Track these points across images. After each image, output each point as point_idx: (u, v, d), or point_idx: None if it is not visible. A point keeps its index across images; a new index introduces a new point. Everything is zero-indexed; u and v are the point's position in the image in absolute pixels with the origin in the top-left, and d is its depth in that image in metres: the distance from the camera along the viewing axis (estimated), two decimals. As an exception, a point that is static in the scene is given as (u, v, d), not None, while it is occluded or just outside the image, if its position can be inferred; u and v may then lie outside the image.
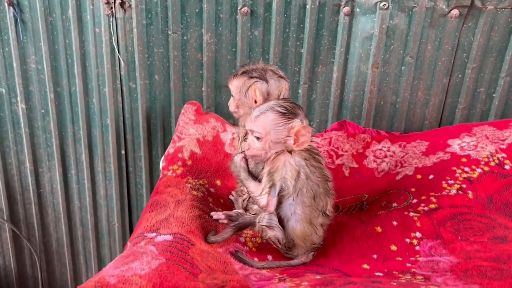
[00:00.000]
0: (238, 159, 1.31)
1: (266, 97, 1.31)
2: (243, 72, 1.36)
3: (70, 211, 2.06)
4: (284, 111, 1.18)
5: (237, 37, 1.73)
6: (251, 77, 1.33)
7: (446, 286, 0.95)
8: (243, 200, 1.43)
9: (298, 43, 1.74)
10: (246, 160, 1.31)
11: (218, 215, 1.35)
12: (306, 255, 1.23)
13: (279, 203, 1.21)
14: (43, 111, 1.89)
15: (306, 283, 0.98)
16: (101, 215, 2.06)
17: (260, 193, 1.21)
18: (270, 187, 1.19)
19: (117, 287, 0.87)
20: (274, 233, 1.21)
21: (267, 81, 1.32)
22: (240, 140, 1.42)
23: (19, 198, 2.03)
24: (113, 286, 0.87)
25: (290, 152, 1.20)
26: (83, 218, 2.07)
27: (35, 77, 1.83)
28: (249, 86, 1.32)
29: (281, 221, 1.22)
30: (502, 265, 1.03)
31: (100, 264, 2.15)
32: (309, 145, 1.21)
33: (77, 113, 1.88)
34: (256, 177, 1.28)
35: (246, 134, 1.33)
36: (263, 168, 1.26)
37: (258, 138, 1.19)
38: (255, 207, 1.33)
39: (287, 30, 1.72)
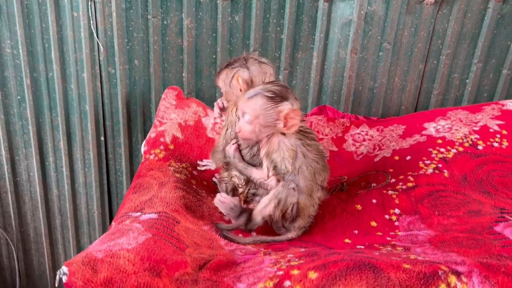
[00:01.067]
0: (231, 149, 1.32)
1: (250, 84, 1.33)
2: (226, 66, 1.38)
3: (48, 199, 2.03)
4: (272, 95, 1.19)
5: (218, 22, 1.74)
6: (232, 68, 1.36)
7: (426, 255, 0.98)
8: (243, 193, 1.43)
9: (278, 28, 1.76)
10: (239, 150, 1.32)
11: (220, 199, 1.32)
12: (294, 231, 1.26)
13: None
14: (19, 97, 1.85)
15: (291, 255, 1.00)
16: (80, 203, 2.03)
17: (267, 177, 1.24)
18: (274, 168, 1.22)
19: (105, 261, 0.87)
20: (294, 198, 1.21)
21: (248, 68, 1.33)
22: (228, 129, 1.41)
23: (-5, 187, 1.99)
24: (100, 260, 0.87)
25: (283, 134, 1.22)
26: (61, 207, 2.04)
27: (11, 62, 1.79)
28: (232, 76, 1.34)
29: None
30: (477, 235, 1.08)
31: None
32: (302, 126, 1.24)
33: (55, 99, 1.84)
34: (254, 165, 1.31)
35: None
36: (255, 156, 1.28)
37: (248, 119, 1.21)
38: (258, 198, 1.36)
39: (268, 15, 1.73)
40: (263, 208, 1.22)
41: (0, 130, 1.88)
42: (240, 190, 1.41)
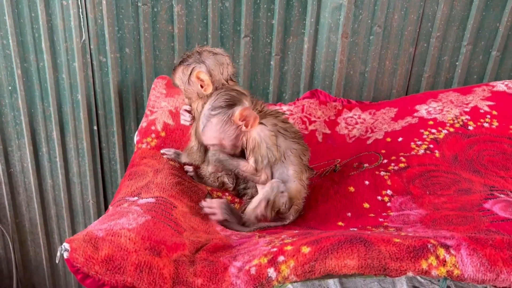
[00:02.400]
0: (217, 154, 1.27)
1: (210, 78, 1.30)
2: (180, 63, 1.35)
3: (42, 190, 2.03)
4: (219, 110, 1.20)
5: (208, 8, 1.73)
6: (187, 64, 1.32)
7: (416, 233, 1.00)
8: (234, 190, 1.43)
9: (269, 14, 1.76)
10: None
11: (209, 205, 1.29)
12: (290, 217, 1.27)
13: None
14: (10, 88, 1.84)
15: (285, 236, 1.02)
16: (75, 193, 2.04)
17: (256, 172, 1.24)
18: (261, 161, 1.23)
19: (106, 239, 0.88)
20: (285, 198, 1.23)
21: (203, 62, 1.31)
22: (194, 129, 1.39)
23: (-12, 179, 1.99)
24: (101, 239, 0.88)
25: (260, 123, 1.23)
26: (56, 197, 2.05)
27: (1, 53, 1.77)
28: (190, 74, 1.32)
29: None
30: (467, 212, 1.10)
31: (76, 243, 2.13)
32: (270, 110, 1.26)
33: (46, 89, 1.84)
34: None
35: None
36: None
37: (218, 148, 1.23)
38: (249, 190, 1.38)
39: (258, 1, 1.73)
40: (254, 208, 1.22)
41: (-8, 121, 1.88)
42: (230, 187, 1.42)
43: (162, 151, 1.51)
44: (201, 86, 1.31)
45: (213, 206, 1.22)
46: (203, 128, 1.22)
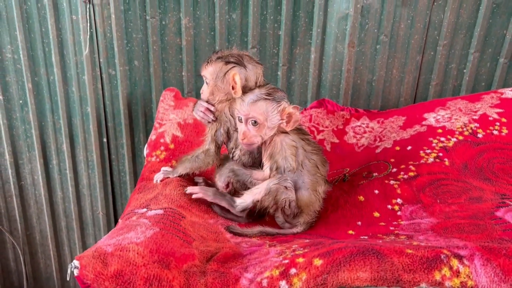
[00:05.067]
0: (233, 168, 1.31)
1: (244, 83, 1.29)
2: (218, 58, 1.32)
3: (52, 202, 2.05)
4: (271, 97, 1.23)
5: (215, 20, 1.75)
6: (228, 62, 1.30)
7: (428, 241, 1.00)
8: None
9: (275, 25, 1.77)
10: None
11: (192, 189, 1.32)
12: (300, 227, 1.28)
13: None
14: (21, 101, 1.86)
15: (296, 245, 1.02)
16: (85, 205, 2.05)
17: (269, 177, 1.26)
18: (276, 169, 1.25)
19: (115, 255, 0.89)
20: (288, 195, 1.24)
21: (245, 67, 1.30)
22: (216, 130, 1.37)
23: (0, 192, 2.01)
24: (110, 254, 0.89)
25: (284, 132, 1.26)
26: (66, 209, 2.06)
27: (12, 67, 1.80)
28: (226, 72, 1.30)
29: None
30: (479, 221, 1.09)
31: (86, 255, 2.14)
32: None
33: (57, 102, 1.86)
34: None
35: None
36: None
37: (255, 124, 1.22)
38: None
39: (265, 12, 1.75)
40: (254, 193, 1.25)
41: (4, 134, 1.90)
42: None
43: (159, 175, 1.44)
44: (232, 88, 1.30)
45: (196, 190, 1.29)
46: (255, 101, 1.22)
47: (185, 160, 1.41)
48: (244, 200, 1.26)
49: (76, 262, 0.88)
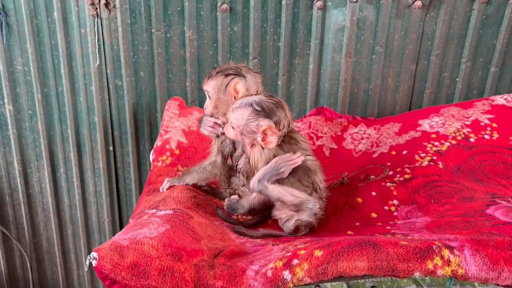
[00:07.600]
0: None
1: (246, 93, 1.34)
2: (218, 72, 1.37)
3: (59, 209, 2.10)
4: (260, 109, 1.26)
5: (218, 33, 1.83)
6: (227, 75, 1.35)
7: (423, 237, 1.06)
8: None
9: (275, 37, 1.85)
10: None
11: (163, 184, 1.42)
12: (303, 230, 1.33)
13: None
14: (30, 112, 1.93)
15: (297, 242, 1.08)
16: (91, 212, 2.11)
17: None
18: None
19: (131, 248, 0.95)
20: (310, 218, 1.28)
21: (244, 76, 1.35)
22: (222, 141, 1.42)
23: (8, 200, 2.06)
24: (126, 247, 0.95)
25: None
26: (73, 216, 2.12)
27: (22, 79, 1.88)
28: (227, 84, 1.34)
29: None
30: (470, 218, 1.15)
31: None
32: (293, 138, 1.33)
33: (65, 112, 1.93)
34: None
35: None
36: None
37: (232, 127, 1.30)
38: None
39: (265, 25, 1.83)
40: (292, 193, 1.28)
41: (13, 144, 1.96)
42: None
43: (165, 184, 1.47)
44: (234, 98, 1.34)
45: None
46: (238, 107, 1.27)
47: (192, 171, 1.44)
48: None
49: (94, 254, 0.93)
